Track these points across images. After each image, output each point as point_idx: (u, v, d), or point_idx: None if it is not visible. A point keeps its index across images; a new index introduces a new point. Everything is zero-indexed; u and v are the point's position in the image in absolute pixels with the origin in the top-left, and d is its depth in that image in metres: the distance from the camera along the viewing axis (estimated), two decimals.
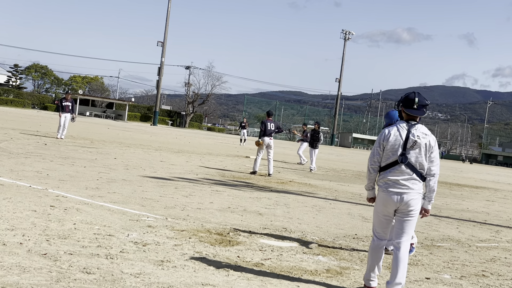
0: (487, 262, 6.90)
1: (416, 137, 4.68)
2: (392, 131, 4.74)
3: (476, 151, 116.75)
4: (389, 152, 4.72)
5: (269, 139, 15.82)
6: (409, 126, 4.73)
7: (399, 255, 4.71)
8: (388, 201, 4.70)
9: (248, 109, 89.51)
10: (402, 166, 4.66)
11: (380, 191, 4.79)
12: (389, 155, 4.72)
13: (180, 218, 7.35)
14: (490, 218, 11.78)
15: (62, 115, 21.20)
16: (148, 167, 13.88)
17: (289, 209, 9.52)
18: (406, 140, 4.68)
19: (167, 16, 67.35)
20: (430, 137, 4.73)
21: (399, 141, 4.69)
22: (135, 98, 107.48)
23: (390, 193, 4.68)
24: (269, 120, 15.96)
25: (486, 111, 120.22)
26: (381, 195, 4.77)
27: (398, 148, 4.68)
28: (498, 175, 41.64)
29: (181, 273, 4.79)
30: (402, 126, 4.74)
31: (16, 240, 5.20)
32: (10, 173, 9.63)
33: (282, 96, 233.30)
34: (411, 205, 4.67)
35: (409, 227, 4.74)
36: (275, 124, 16.05)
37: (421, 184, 4.73)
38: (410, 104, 4.73)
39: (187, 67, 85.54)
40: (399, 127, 4.75)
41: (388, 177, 4.71)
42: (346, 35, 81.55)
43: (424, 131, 4.73)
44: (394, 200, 4.66)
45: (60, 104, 21.98)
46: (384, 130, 4.86)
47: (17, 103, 66.70)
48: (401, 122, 4.79)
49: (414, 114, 4.73)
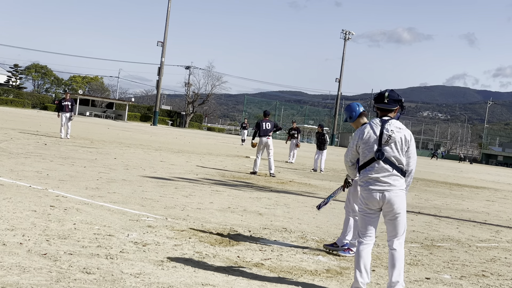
0: (487, 262, 6.90)
1: (390, 132, 4.60)
2: (366, 129, 4.70)
3: (476, 151, 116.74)
4: (365, 150, 4.66)
5: (266, 138, 15.75)
6: (383, 122, 4.67)
7: (395, 254, 4.66)
8: (370, 199, 4.61)
9: (248, 109, 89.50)
10: (381, 162, 4.59)
11: (361, 190, 4.70)
12: (365, 153, 4.67)
13: (180, 218, 7.35)
14: (490, 218, 11.78)
15: (62, 115, 21.33)
16: (148, 167, 13.88)
17: (289, 209, 9.52)
18: (381, 136, 4.61)
19: (167, 16, 67.37)
20: (404, 131, 4.65)
21: (373, 137, 4.63)
22: (135, 98, 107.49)
23: (371, 191, 4.59)
24: (265, 120, 15.94)
25: (486, 111, 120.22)
26: (363, 193, 4.68)
27: (373, 144, 4.62)
28: (498, 175, 41.64)
29: (181, 273, 4.79)
30: (375, 122, 4.70)
31: (16, 240, 5.19)
32: (10, 173, 9.62)
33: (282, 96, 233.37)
34: (395, 203, 4.56)
35: (400, 226, 4.68)
36: (271, 123, 16.00)
37: (403, 180, 4.63)
38: (380, 99, 4.71)
39: (187, 67, 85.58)
40: (372, 124, 4.70)
41: (368, 175, 4.63)
42: (346, 35, 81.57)
43: (398, 126, 4.66)
44: (377, 198, 4.56)
45: (59, 104, 22.07)
46: (359, 128, 4.82)
47: (17, 103, 66.71)
48: (374, 119, 4.74)
49: (385, 107, 4.69)
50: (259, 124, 15.91)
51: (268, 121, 15.94)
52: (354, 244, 6.37)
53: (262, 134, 15.78)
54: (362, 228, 4.79)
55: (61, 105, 22.02)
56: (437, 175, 28.54)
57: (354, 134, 4.84)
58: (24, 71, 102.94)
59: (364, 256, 4.66)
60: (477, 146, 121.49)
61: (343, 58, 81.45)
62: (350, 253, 6.31)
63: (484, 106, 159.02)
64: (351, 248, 6.36)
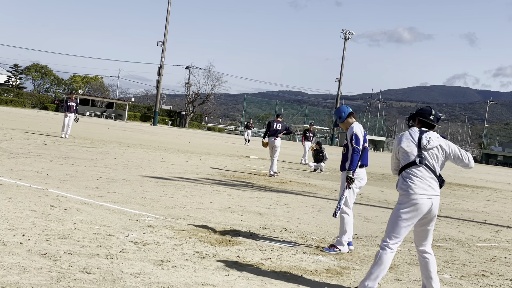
0: (487, 262, 6.90)
1: (429, 138, 4.68)
2: (404, 135, 4.81)
3: (476, 151, 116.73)
4: (405, 154, 4.72)
5: (274, 139, 15.74)
6: (421, 131, 4.77)
7: (431, 259, 4.73)
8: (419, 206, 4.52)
9: (248, 109, 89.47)
10: (421, 168, 4.61)
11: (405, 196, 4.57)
12: (405, 158, 4.71)
13: (180, 218, 7.35)
14: (490, 218, 11.78)
15: (67, 115, 21.51)
16: (148, 167, 13.88)
17: (289, 209, 9.52)
18: (419, 141, 4.69)
19: (167, 16, 67.34)
20: (440, 140, 4.73)
21: (413, 143, 4.71)
22: (135, 98, 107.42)
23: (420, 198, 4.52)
24: (277, 121, 15.97)
25: (486, 111, 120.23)
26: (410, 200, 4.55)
27: (413, 149, 4.69)
28: (498, 175, 41.64)
29: (181, 273, 4.79)
30: (414, 130, 4.80)
31: (16, 240, 5.20)
32: (10, 173, 9.63)
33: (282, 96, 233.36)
34: (437, 209, 4.63)
35: (432, 231, 4.77)
36: (282, 125, 15.99)
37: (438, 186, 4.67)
38: (426, 116, 4.83)
39: (187, 67, 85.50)
40: (411, 131, 4.82)
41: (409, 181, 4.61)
42: (346, 35, 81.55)
43: (436, 135, 4.77)
44: (429, 205, 4.53)
45: (65, 104, 22.29)
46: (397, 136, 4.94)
47: (17, 103, 66.70)
48: (413, 128, 4.85)
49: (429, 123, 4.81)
50: (270, 124, 15.95)
51: (279, 122, 15.94)
52: (340, 241, 6.38)
53: (271, 133, 15.78)
54: (397, 234, 4.59)
55: (66, 105, 22.21)
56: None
57: (394, 143, 4.91)
58: (24, 71, 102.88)
59: (387, 264, 4.61)
60: (477, 146, 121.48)
61: (343, 58, 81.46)
62: (335, 250, 6.32)
63: (484, 106, 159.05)
64: (336, 246, 6.36)
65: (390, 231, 4.60)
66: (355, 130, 6.52)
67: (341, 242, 6.37)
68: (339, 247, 6.36)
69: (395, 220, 4.59)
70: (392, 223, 4.60)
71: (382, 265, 4.57)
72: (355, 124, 6.63)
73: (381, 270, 4.57)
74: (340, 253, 6.34)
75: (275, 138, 15.76)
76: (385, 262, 4.56)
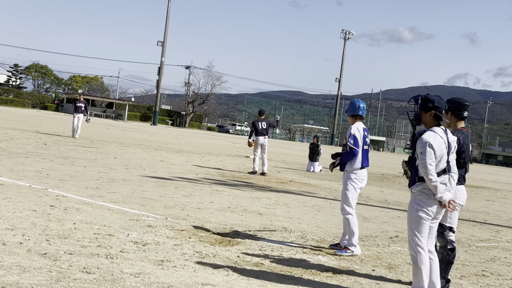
0: (487, 262, 6.90)
1: (452, 141, 4.65)
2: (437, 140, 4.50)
3: (476, 151, 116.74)
4: (438, 162, 4.53)
5: (263, 138, 15.82)
6: (445, 132, 4.63)
7: (436, 260, 4.73)
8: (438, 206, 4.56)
9: (248, 109, 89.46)
10: (446, 175, 4.57)
11: (427, 198, 4.52)
12: (438, 165, 4.53)
13: (180, 218, 7.35)
14: (490, 218, 11.78)
15: (75, 116, 22.11)
16: (148, 167, 13.88)
17: (289, 209, 9.52)
18: (449, 147, 4.60)
19: (167, 16, 67.33)
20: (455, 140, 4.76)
21: (444, 149, 4.55)
22: (135, 98, 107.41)
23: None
24: (260, 120, 16.02)
25: (486, 111, 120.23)
26: (432, 201, 4.52)
27: (444, 156, 4.55)
28: (498, 174, 41.64)
29: (181, 273, 4.79)
30: (439, 132, 4.56)
31: (16, 239, 5.20)
32: (10, 173, 9.63)
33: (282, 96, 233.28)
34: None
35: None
36: (266, 122, 16.05)
37: None
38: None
39: (187, 66, 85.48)
40: (438, 133, 4.55)
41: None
42: (346, 35, 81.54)
43: (453, 137, 4.75)
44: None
45: (74, 105, 22.89)
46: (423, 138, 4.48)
47: (17, 102, 66.70)
48: (436, 128, 4.57)
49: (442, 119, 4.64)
50: (255, 124, 16.00)
51: (263, 121, 15.99)
52: (352, 243, 6.36)
53: (259, 134, 15.86)
54: (424, 235, 4.58)
55: (75, 106, 22.72)
56: None
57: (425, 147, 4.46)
58: (24, 71, 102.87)
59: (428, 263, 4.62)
60: (477, 146, 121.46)
61: (343, 58, 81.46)
62: (348, 252, 6.31)
63: (484, 106, 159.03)
64: (348, 247, 6.36)
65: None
66: (353, 131, 6.54)
67: (352, 243, 6.37)
68: (351, 249, 6.34)
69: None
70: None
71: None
72: (355, 125, 6.63)
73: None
74: (353, 255, 6.32)
75: (264, 137, 15.85)
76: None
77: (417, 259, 4.54)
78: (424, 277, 4.55)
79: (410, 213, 4.61)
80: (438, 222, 4.78)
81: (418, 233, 4.54)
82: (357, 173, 6.54)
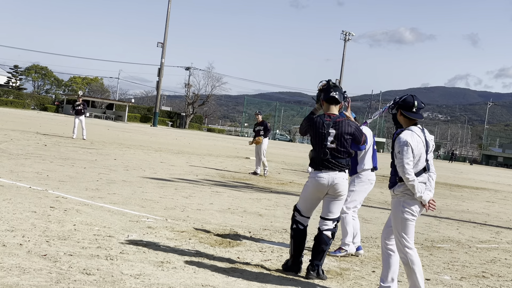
0: (487, 263, 6.90)
1: (430, 140, 4.64)
2: (414, 139, 4.51)
3: (476, 152, 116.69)
4: (417, 161, 4.52)
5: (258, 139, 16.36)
6: (422, 131, 4.63)
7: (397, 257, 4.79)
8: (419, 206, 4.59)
9: (248, 110, 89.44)
10: (425, 174, 4.57)
11: (411, 199, 4.53)
12: (417, 165, 4.52)
13: (180, 219, 7.34)
14: (490, 219, 11.78)
15: (76, 119, 22.73)
16: (148, 168, 13.88)
17: (289, 210, 9.51)
18: (427, 145, 4.59)
19: (167, 17, 67.32)
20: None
21: (423, 147, 4.54)
22: (135, 99, 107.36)
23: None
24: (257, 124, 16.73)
25: (486, 112, 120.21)
26: (414, 202, 4.54)
27: (423, 155, 4.54)
28: (498, 176, 41.63)
29: (181, 274, 4.79)
30: (416, 131, 4.57)
31: (16, 241, 5.19)
32: (10, 174, 9.62)
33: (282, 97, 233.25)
34: None
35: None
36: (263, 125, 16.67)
37: None
38: (409, 108, 4.60)
39: (187, 68, 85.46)
40: (414, 132, 4.56)
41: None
42: (346, 36, 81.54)
43: (430, 135, 4.74)
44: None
45: (73, 108, 23.54)
46: (401, 137, 4.51)
47: (17, 104, 66.70)
48: (413, 127, 4.60)
49: (415, 118, 4.61)
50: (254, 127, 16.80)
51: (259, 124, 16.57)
52: (344, 242, 6.36)
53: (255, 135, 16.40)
54: (411, 235, 4.59)
55: (74, 108, 23.30)
56: (437, 176, 28.48)
57: (402, 146, 4.46)
58: (24, 72, 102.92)
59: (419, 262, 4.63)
60: (477, 147, 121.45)
61: (343, 60, 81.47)
62: (342, 252, 6.31)
63: (484, 107, 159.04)
64: (342, 247, 6.36)
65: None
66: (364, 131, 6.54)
67: (344, 243, 6.37)
68: (344, 248, 6.35)
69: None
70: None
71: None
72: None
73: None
74: (346, 254, 6.32)
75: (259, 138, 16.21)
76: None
77: (408, 260, 4.56)
78: (418, 277, 4.55)
79: (396, 216, 4.58)
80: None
81: (405, 235, 4.55)
82: (367, 175, 6.70)
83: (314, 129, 5.19)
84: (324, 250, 5.21)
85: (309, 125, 5.26)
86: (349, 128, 5.18)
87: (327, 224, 5.23)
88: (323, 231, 5.21)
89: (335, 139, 5.12)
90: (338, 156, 5.14)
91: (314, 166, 5.23)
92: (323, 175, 5.11)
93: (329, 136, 5.12)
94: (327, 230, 5.21)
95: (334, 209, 5.25)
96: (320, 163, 5.16)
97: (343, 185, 5.17)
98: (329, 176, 5.10)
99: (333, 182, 5.10)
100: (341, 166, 5.14)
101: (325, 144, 5.13)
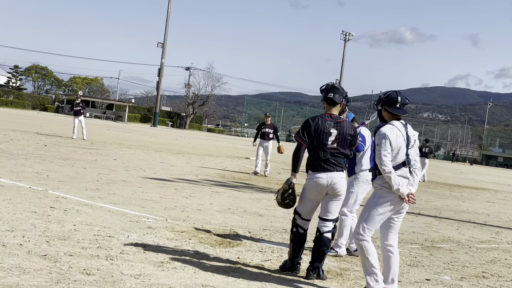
0: (487, 263, 6.90)
1: (413, 135, 4.71)
2: (394, 132, 4.62)
3: (476, 152, 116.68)
4: (396, 154, 4.61)
5: (266, 142, 16.33)
6: (404, 126, 4.73)
7: (397, 256, 4.89)
8: (399, 201, 4.64)
9: (248, 110, 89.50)
10: (405, 168, 4.62)
11: (389, 192, 4.58)
12: (396, 158, 4.61)
13: (180, 219, 7.34)
14: (490, 219, 11.78)
15: (75, 119, 22.97)
16: (148, 168, 13.88)
17: (289, 210, 9.51)
18: (408, 140, 4.66)
19: (167, 17, 67.32)
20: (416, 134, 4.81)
21: (403, 141, 4.63)
22: (135, 99, 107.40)
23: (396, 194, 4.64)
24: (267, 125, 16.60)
25: (486, 112, 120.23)
26: (393, 197, 4.59)
27: (403, 149, 4.63)
28: (498, 176, 41.64)
29: (181, 274, 4.79)
30: (397, 125, 4.67)
31: (16, 241, 5.19)
32: (10, 174, 9.62)
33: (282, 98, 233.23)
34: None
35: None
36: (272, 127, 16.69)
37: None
38: (393, 104, 4.70)
39: (187, 68, 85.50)
40: (395, 126, 4.66)
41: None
42: (346, 36, 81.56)
43: (414, 131, 4.80)
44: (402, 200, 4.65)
45: (72, 110, 23.86)
46: (381, 131, 4.64)
47: (17, 104, 66.71)
48: (394, 121, 4.70)
49: (399, 114, 4.71)
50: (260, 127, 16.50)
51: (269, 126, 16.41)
52: (337, 244, 6.35)
53: (261, 137, 16.26)
54: (372, 228, 4.70)
55: (73, 109, 23.57)
56: (438, 176, 28.52)
57: (381, 139, 4.58)
58: (24, 72, 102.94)
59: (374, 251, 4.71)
60: (477, 147, 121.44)
61: (343, 60, 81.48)
62: (332, 252, 6.31)
63: (484, 107, 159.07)
64: (333, 248, 6.35)
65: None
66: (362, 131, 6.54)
67: (337, 244, 6.36)
68: (335, 249, 6.35)
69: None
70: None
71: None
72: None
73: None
74: (337, 255, 6.32)
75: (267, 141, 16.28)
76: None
77: (362, 248, 4.68)
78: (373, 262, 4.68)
79: (368, 204, 4.70)
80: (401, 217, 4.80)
81: (366, 225, 4.67)
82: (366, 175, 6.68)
83: (314, 129, 5.19)
84: (325, 253, 5.22)
85: (309, 125, 5.25)
86: (350, 129, 5.20)
87: (327, 225, 5.23)
88: (324, 233, 5.20)
89: (336, 139, 5.13)
90: (338, 156, 5.14)
91: (313, 168, 5.24)
92: (322, 175, 5.13)
93: (330, 136, 5.12)
94: (327, 232, 5.21)
95: (333, 209, 5.25)
96: (319, 163, 5.16)
97: (342, 185, 5.17)
98: (328, 176, 5.11)
99: (332, 182, 5.10)
100: (340, 165, 5.16)
101: (325, 144, 5.14)
